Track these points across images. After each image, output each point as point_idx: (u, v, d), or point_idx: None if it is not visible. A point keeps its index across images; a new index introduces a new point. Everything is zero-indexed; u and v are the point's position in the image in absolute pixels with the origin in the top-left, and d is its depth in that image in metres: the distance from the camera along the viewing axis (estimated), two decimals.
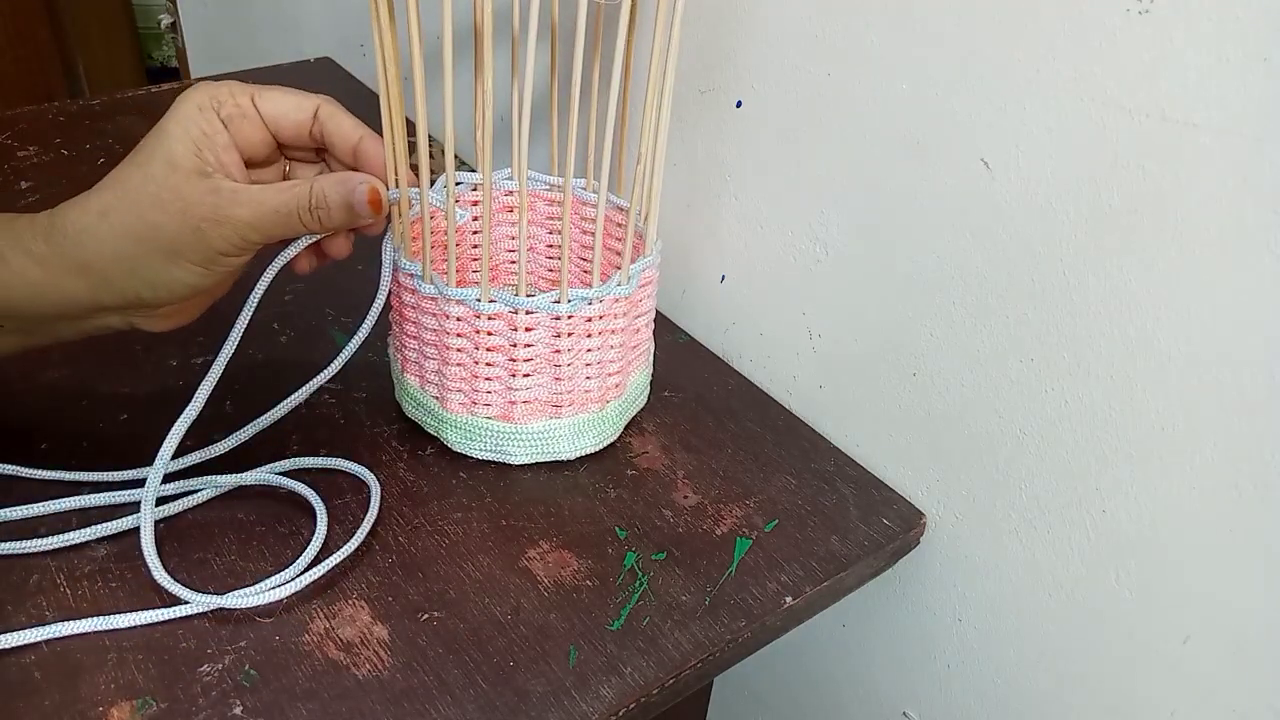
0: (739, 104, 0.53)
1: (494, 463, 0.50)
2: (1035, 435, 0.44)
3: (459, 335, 0.47)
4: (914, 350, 0.49)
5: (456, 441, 0.50)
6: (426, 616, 0.42)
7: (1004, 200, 0.42)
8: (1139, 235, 0.38)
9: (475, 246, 0.56)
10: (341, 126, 0.43)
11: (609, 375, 0.49)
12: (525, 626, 0.42)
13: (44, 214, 0.41)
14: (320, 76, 0.92)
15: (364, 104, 0.87)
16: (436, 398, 0.49)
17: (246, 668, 0.39)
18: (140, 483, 0.45)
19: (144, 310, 0.43)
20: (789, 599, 0.44)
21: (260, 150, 0.42)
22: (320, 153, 0.45)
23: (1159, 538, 0.41)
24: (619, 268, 0.48)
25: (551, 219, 0.57)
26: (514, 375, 0.47)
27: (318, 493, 0.47)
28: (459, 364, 0.48)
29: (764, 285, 0.56)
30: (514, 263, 0.58)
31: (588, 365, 0.48)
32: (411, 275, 0.47)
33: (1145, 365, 0.39)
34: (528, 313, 0.46)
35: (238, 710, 0.38)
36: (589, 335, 0.47)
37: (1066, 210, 0.40)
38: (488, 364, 0.47)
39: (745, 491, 0.50)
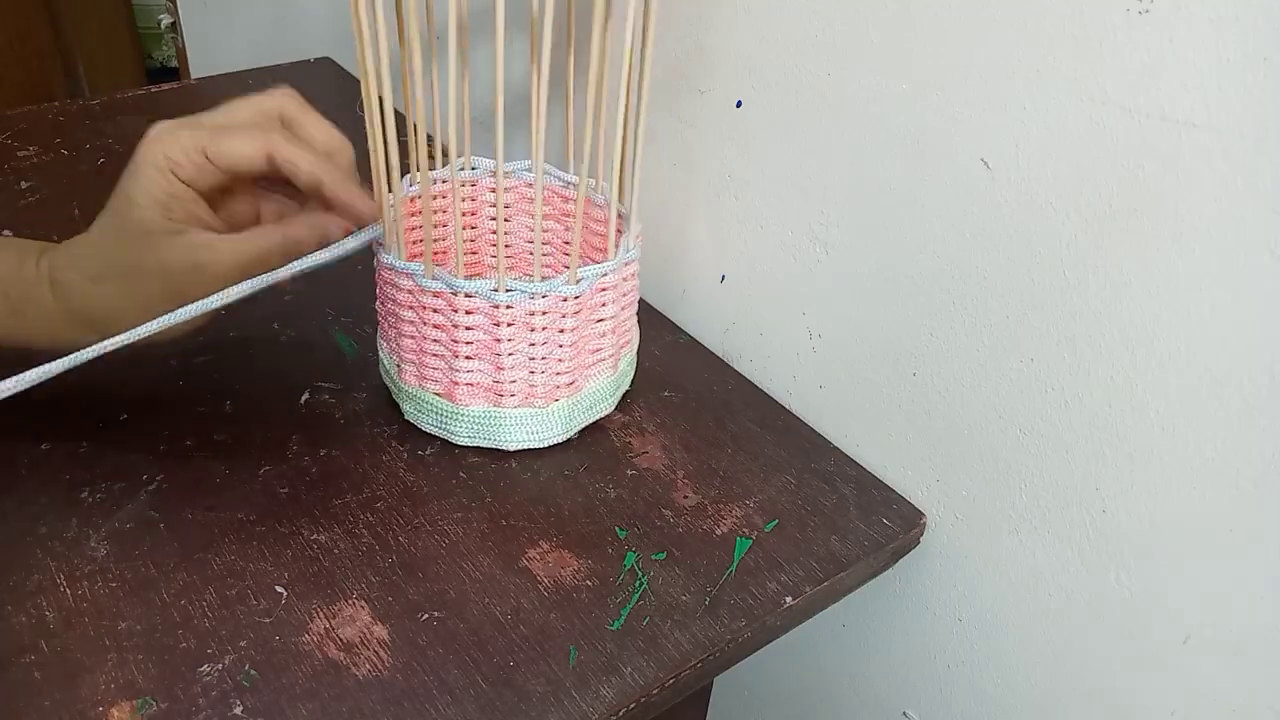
0: (739, 104, 0.53)
1: (494, 463, 0.50)
2: (1035, 435, 0.44)
3: (409, 308, 0.48)
4: (914, 350, 0.49)
5: (410, 413, 0.51)
6: (426, 616, 0.42)
7: (1004, 200, 0.42)
8: (1139, 235, 0.38)
9: (491, 233, 0.56)
10: (297, 175, 0.42)
11: (557, 374, 0.49)
12: (525, 626, 0.42)
13: (45, 264, 0.43)
14: (320, 76, 0.92)
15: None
16: (397, 366, 0.51)
17: (246, 668, 0.39)
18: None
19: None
20: (789, 599, 0.44)
21: (229, 182, 0.43)
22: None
23: (1159, 538, 0.41)
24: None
25: (567, 215, 0.57)
26: (456, 356, 0.48)
27: None
28: (410, 336, 0.49)
29: (764, 285, 0.56)
30: (530, 253, 0.59)
31: (531, 360, 0.48)
32: (379, 243, 0.48)
33: (1145, 365, 0.39)
34: (467, 295, 0.46)
35: (238, 710, 0.38)
36: (532, 330, 0.47)
37: (1066, 210, 0.40)
38: (434, 340, 0.48)
39: (745, 491, 0.50)
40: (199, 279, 0.42)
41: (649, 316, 0.62)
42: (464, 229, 0.57)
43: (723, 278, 0.59)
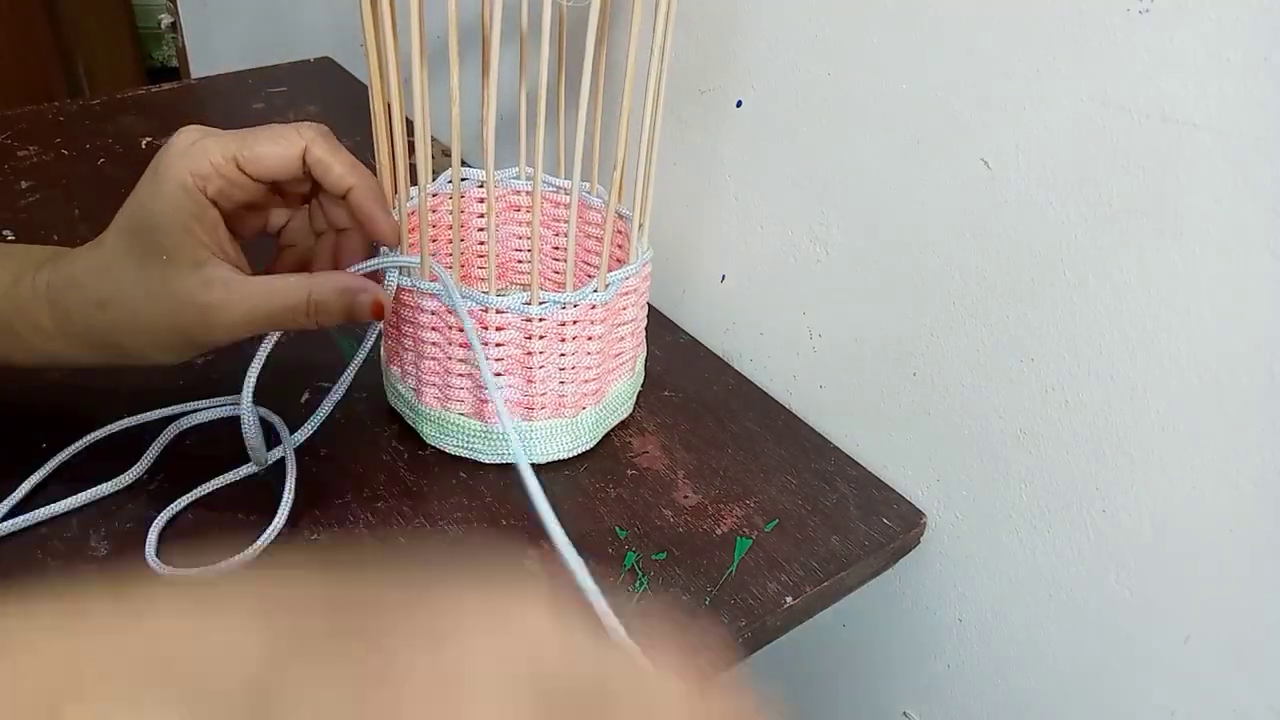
0: (739, 104, 0.53)
1: (494, 463, 0.50)
2: (1035, 435, 0.44)
3: (433, 329, 0.47)
4: (914, 350, 0.49)
5: (432, 435, 0.50)
6: None
7: (1004, 200, 0.42)
8: (1139, 235, 0.38)
9: (481, 244, 0.56)
10: (329, 174, 0.40)
11: (585, 382, 0.49)
12: None
13: (43, 282, 0.40)
14: (320, 76, 0.92)
15: (363, 104, 0.87)
16: (414, 390, 0.50)
17: None
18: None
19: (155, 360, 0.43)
20: (789, 599, 0.44)
21: (255, 197, 0.40)
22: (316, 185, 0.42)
23: (1159, 538, 0.41)
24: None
25: (557, 220, 0.57)
26: None
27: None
28: (432, 358, 0.48)
29: (764, 285, 0.56)
30: (520, 261, 0.58)
31: (561, 370, 0.48)
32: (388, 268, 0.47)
33: (1145, 365, 0.39)
34: (498, 312, 0.45)
35: None
36: (563, 340, 0.47)
37: (1066, 210, 0.40)
38: (460, 360, 0.47)
39: (745, 491, 0.50)
40: (206, 321, 0.39)
41: (650, 317, 0.62)
42: (480, 243, 0.56)
43: (723, 278, 0.59)
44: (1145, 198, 0.37)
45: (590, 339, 0.48)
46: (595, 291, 0.46)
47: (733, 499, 0.49)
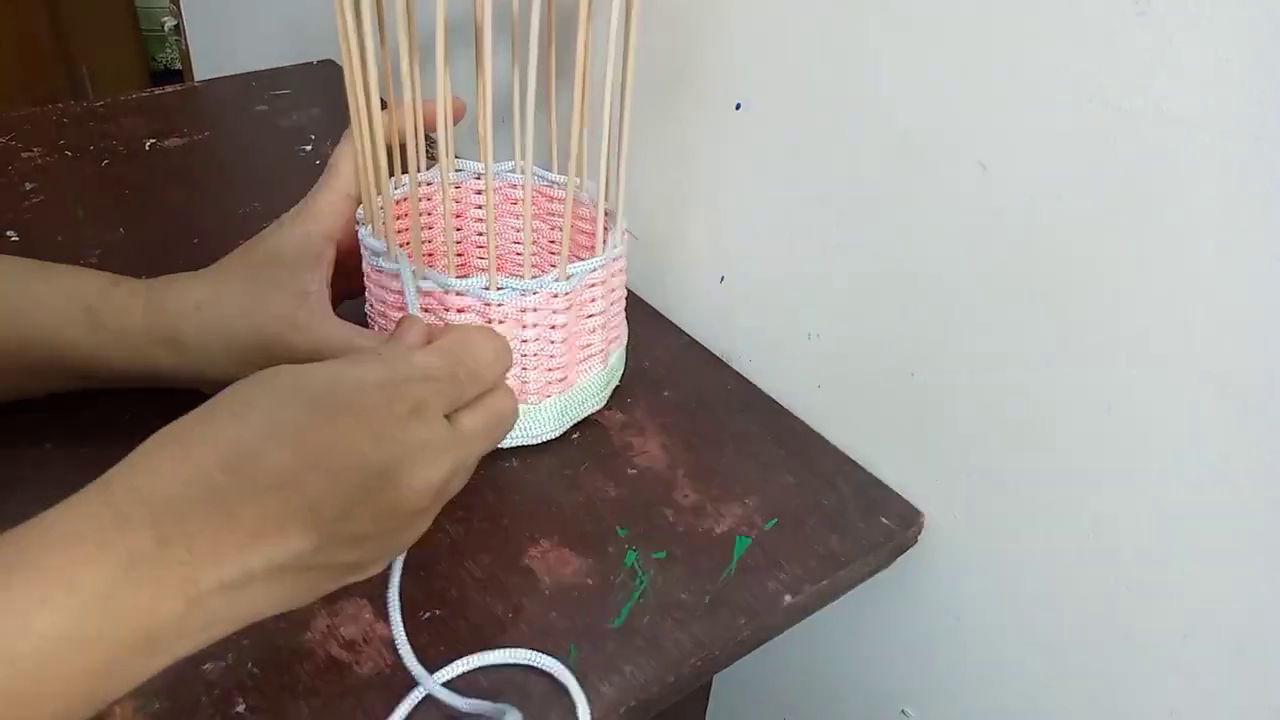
0: (738, 106, 0.53)
1: (495, 462, 0.50)
2: (1034, 435, 0.44)
3: (398, 309, 0.48)
4: (914, 350, 0.49)
5: None
6: (428, 615, 0.42)
7: (1003, 200, 0.42)
8: (1139, 235, 0.38)
9: (480, 234, 0.57)
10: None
11: (549, 370, 0.49)
12: (526, 625, 0.42)
13: (143, 284, 0.46)
14: (323, 79, 0.92)
15: None
16: None
17: (249, 665, 0.39)
18: None
19: (213, 386, 0.47)
20: (788, 597, 0.44)
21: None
22: None
23: (1159, 537, 0.41)
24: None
25: (552, 214, 0.57)
26: None
27: None
28: None
29: (764, 285, 0.56)
30: (518, 254, 0.59)
31: (523, 356, 0.48)
32: (366, 247, 0.48)
33: (1145, 365, 0.39)
34: (458, 294, 0.46)
35: (240, 708, 0.38)
36: (523, 326, 0.47)
37: (1065, 210, 0.40)
38: None
39: (745, 491, 0.50)
40: (286, 338, 0.45)
41: (649, 317, 0.62)
42: (479, 234, 0.57)
43: (722, 278, 0.59)
44: (1144, 198, 0.37)
45: (553, 328, 0.48)
46: (556, 281, 0.47)
47: (732, 498, 0.49)
